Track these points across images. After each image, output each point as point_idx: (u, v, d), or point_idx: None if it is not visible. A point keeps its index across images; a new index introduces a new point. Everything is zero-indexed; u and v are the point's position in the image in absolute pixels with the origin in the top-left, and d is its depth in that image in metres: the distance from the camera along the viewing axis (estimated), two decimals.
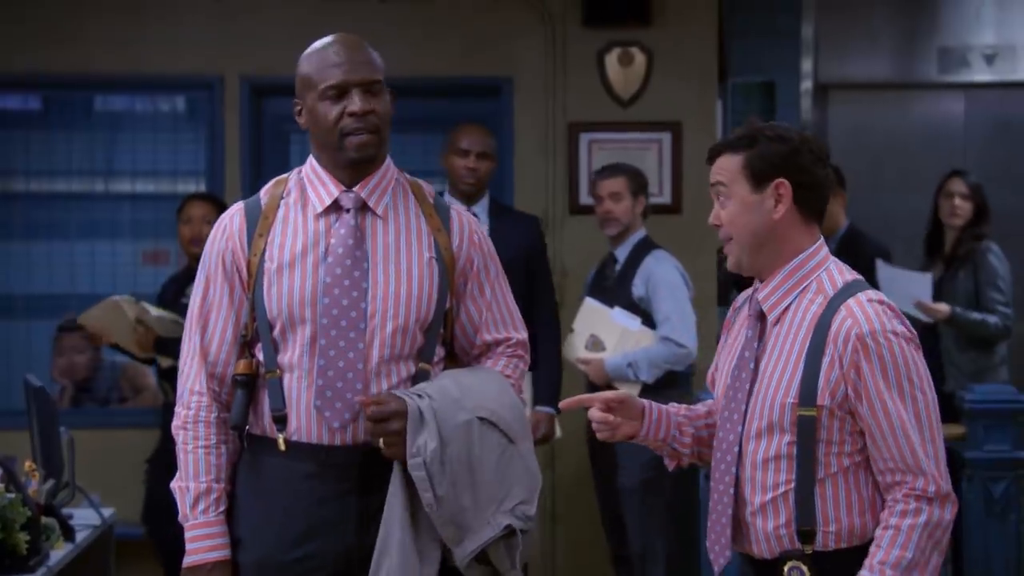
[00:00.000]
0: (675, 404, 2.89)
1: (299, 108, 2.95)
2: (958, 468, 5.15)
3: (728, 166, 2.73)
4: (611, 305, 5.26)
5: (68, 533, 4.08)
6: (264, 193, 2.99)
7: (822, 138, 7.20)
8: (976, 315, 5.77)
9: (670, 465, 2.92)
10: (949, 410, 5.67)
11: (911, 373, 2.61)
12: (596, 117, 6.30)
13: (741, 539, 2.74)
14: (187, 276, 5.63)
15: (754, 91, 7.12)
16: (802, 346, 2.64)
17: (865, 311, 2.61)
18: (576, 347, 5.32)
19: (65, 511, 4.24)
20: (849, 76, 7.26)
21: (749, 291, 2.85)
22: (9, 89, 6.53)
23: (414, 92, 6.24)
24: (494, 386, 2.97)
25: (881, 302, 2.65)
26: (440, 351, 2.98)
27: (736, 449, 2.69)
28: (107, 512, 4.44)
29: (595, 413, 2.82)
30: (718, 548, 2.72)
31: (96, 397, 5.84)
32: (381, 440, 2.81)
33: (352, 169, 2.91)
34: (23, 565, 3.62)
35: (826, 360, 2.61)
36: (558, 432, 5.33)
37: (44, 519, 3.92)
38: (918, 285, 5.66)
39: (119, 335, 5.42)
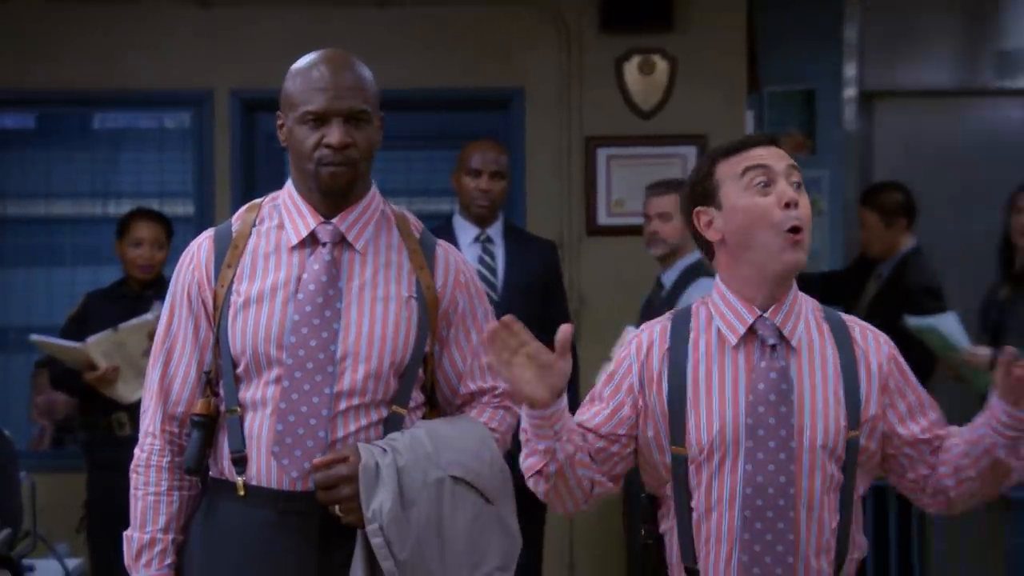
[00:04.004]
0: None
1: (281, 124, 2.97)
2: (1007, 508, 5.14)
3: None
4: None
5: None
6: (236, 219, 3.02)
7: (868, 152, 7.22)
8: None
9: (538, 463, 2.72)
10: None
11: None
12: (615, 130, 6.37)
13: None
14: (113, 294, 5.66)
15: (792, 100, 7.10)
16: (835, 368, 2.76)
17: (867, 324, 2.85)
18: None
19: (26, 562, 4.27)
20: (897, 83, 7.23)
21: (653, 329, 2.84)
22: None
23: (418, 105, 6.34)
24: (473, 440, 2.97)
25: None
26: (419, 396, 2.99)
27: (791, 490, 2.70)
28: (72, 563, 4.47)
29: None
30: None
31: (79, 438, 5.86)
32: (337, 508, 2.83)
33: (328, 199, 2.94)
34: None
35: (863, 375, 2.77)
36: None
37: None
38: (949, 325, 5.61)
39: (130, 369, 5.34)
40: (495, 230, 5.45)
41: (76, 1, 6.33)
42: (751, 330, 2.75)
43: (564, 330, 2.63)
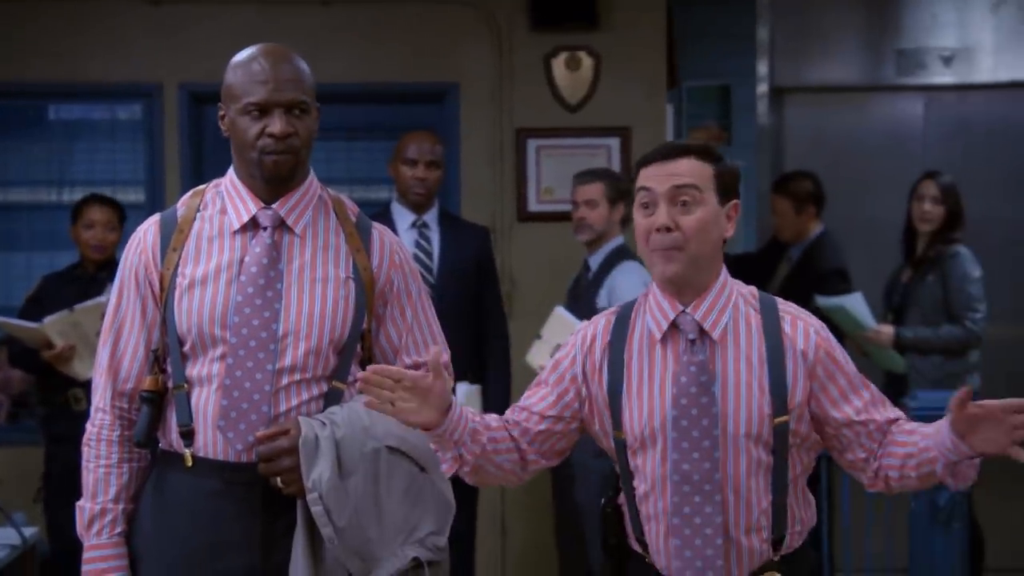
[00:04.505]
0: (470, 410, 2.83)
1: (223, 115, 2.99)
2: None
3: (700, 172, 2.76)
4: (579, 315, 5.28)
5: None
6: (181, 204, 3.02)
7: (779, 144, 7.28)
8: (925, 331, 5.74)
9: (450, 469, 2.81)
10: None
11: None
12: (544, 123, 6.33)
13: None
14: (69, 276, 5.63)
15: (709, 95, 7.13)
16: (760, 358, 2.75)
17: (801, 312, 2.83)
18: (542, 355, 5.34)
19: None
20: (806, 79, 7.28)
21: (599, 323, 2.86)
22: None
23: (358, 98, 6.32)
24: None
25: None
26: (357, 371, 2.98)
27: (717, 476, 2.71)
28: (29, 531, 4.42)
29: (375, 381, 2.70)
30: (712, 574, 2.74)
31: (36, 413, 5.81)
32: (279, 480, 2.85)
33: (269, 185, 2.94)
34: None
35: (789, 364, 2.74)
36: None
37: None
38: (856, 305, 5.67)
39: (85, 348, 5.29)
40: (431, 216, 5.44)
41: None
42: (675, 325, 2.77)
43: (435, 354, 2.70)
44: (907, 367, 5.72)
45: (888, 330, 5.72)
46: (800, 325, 2.78)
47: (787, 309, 2.82)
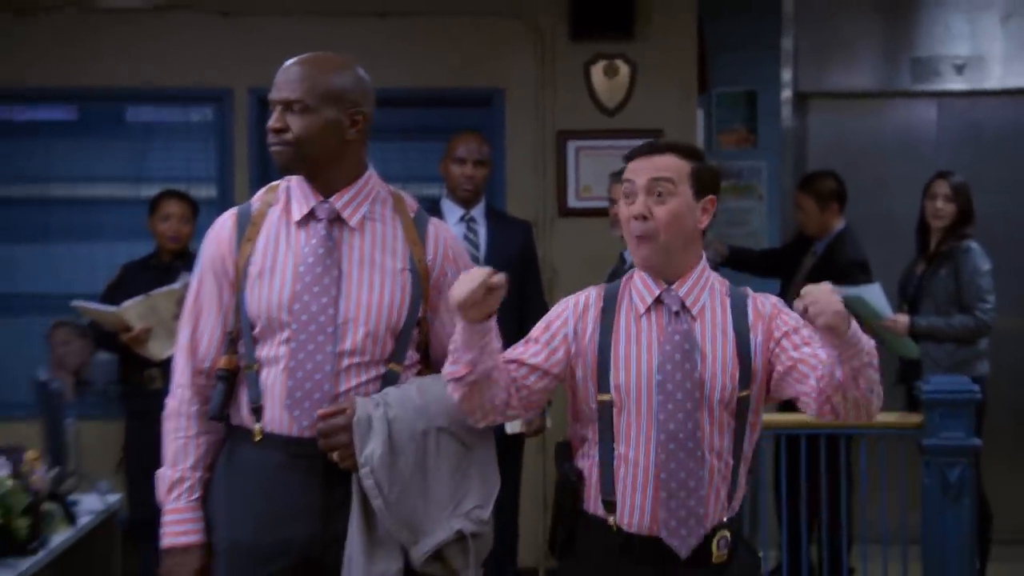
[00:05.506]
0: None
1: None
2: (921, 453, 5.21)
3: (677, 167, 2.85)
4: None
5: (70, 518, 4.14)
6: (256, 199, 3.08)
7: (802, 146, 7.27)
8: (938, 320, 5.72)
9: (460, 371, 2.82)
10: (912, 401, 5.72)
11: None
12: (583, 125, 6.35)
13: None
14: (146, 265, 5.69)
15: (737, 100, 7.11)
16: (731, 333, 2.86)
17: (760, 293, 2.95)
18: None
19: (73, 497, 4.31)
20: (827, 86, 7.25)
21: (591, 293, 2.95)
22: (41, 101, 6.59)
23: (412, 102, 6.33)
24: None
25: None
26: (414, 355, 3.03)
27: (699, 434, 2.81)
28: (112, 498, 4.50)
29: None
30: (685, 531, 2.82)
31: (96, 390, 5.84)
32: (336, 454, 2.88)
33: (311, 180, 2.99)
34: (23, 548, 3.68)
35: (752, 335, 2.87)
36: (548, 423, 5.37)
37: (48, 505, 3.99)
38: (874, 295, 5.66)
39: (161, 329, 5.34)
40: (478, 212, 5.45)
41: (114, 11, 6.31)
42: (659, 300, 2.88)
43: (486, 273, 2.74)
44: (921, 354, 5.71)
45: (904, 319, 5.70)
46: (759, 302, 2.91)
47: (752, 294, 2.94)
